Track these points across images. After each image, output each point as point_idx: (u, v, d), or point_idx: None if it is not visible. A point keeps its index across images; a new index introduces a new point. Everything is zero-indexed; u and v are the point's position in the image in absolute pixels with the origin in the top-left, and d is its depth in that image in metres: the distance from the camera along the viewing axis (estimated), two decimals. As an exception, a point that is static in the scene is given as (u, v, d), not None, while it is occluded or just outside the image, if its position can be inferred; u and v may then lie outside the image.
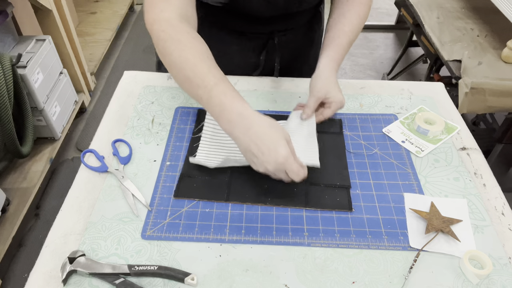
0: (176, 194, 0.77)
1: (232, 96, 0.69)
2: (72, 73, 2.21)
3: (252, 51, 1.04)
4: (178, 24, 0.76)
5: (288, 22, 1.01)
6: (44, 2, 1.86)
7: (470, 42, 1.76)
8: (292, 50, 1.08)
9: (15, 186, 1.77)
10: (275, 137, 0.67)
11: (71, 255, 0.65)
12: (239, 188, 0.78)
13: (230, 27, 1.00)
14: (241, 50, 1.04)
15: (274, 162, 0.67)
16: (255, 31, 1.00)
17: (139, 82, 1.04)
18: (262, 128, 0.68)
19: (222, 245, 0.70)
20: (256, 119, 0.69)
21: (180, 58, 0.72)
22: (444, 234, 0.72)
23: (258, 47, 1.03)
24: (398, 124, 0.94)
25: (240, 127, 0.68)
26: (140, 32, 3.15)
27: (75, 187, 0.79)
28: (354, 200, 0.77)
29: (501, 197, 0.79)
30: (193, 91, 0.73)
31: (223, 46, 1.03)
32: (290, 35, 1.04)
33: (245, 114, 0.69)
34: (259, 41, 1.02)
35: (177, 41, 0.74)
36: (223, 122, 0.70)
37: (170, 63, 0.74)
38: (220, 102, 0.69)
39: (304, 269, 0.67)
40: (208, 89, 0.70)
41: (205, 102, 0.71)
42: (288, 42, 1.05)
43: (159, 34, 0.75)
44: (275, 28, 1.00)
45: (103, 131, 0.91)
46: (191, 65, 0.71)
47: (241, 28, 1.00)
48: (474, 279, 0.65)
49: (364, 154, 0.86)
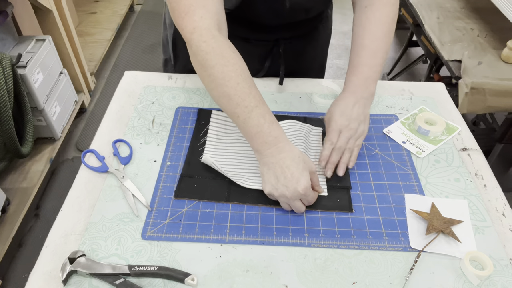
0: (177, 194, 0.77)
1: (271, 121, 0.72)
2: (72, 73, 2.20)
3: (257, 58, 1.02)
4: (219, 36, 0.74)
5: (294, 30, 0.99)
6: (44, 2, 1.86)
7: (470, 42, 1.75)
8: (297, 56, 1.06)
9: (15, 186, 1.76)
10: (301, 167, 0.71)
11: (71, 255, 0.65)
12: (240, 188, 0.78)
13: (235, 33, 0.98)
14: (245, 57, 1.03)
15: (294, 190, 0.70)
16: (260, 38, 0.99)
17: (139, 82, 1.04)
18: (292, 154, 0.71)
19: (222, 245, 0.70)
20: (288, 146, 0.72)
21: (223, 74, 0.72)
22: (444, 235, 0.71)
23: (263, 54, 1.02)
24: (398, 124, 0.93)
25: (273, 149, 0.71)
26: (140, 32, 3.15)
27: (75, 187, 0.79)
28: (354, 200, 0.77)
29: (502, 198, 0.79)
30: (230, 109, 0.73)
31: None
32: (295, 42, 1.02)
33: (280, 138, 0.72)
34: (264, 48, 1.01)
35: (220, 56, 0.73)
36: (257, 143, 0.72)
37: (210, 76, 0.73)
38: (258, 124, 0.71)
39: (305, 270, 0.67)
40: (249, 109, 0.71)
41: (242, 121, 0.72)
42: (294, 49, 1.03)
43: (200, 44, 0.73)
44: (280, 36, 0.99)
45: (104, 131, 0.91)
46: (233, 83, 0.72)
47: (246, 35, 0.98)
48: (474, 280, 0.65)
49: (364, 155, 0.86)
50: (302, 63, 1.09)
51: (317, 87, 1.04)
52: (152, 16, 3.36)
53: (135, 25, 3.25)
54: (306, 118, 0.94)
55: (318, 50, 1.12)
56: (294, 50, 1.03)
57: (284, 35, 0.99)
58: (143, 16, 3.36)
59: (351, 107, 0.83)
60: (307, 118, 0.94)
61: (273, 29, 0.96)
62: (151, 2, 3.54)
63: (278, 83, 1.02)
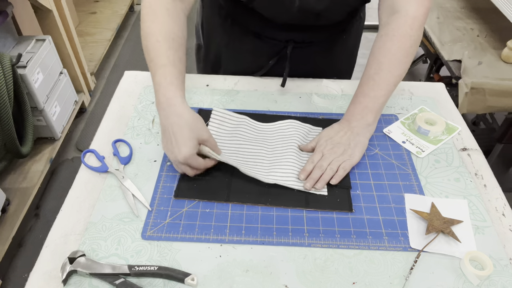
0: (176, 194, 0.77)
1: (171, 82, 0.75)
2: (72, 73, 2.20)
3: (266, 56, 1.03)
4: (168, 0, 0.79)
5: (306, 34, 0.98)
6: (44, 2, 1.86)
7: (470, 42, 1.75)
8: (307, 61, 1.05)
9: (15, 186, 1.76)
10: (187, 136, 0.72)
11: (71, 255, 0.65)
12: (240, 188, 0.78)
13: (248, 27, 1.00)
14: (254, 53, 1.03)
15: (175, 158, 0.74)
16: (271, 36, 0.99)
17: (139, 82, 1.04)
18: (180, 121, 0.73)
19: (222, 245, 0.70)
20: (179, 110, 0.73)
21: (149, 29, 0.78)
22: (444, 235, 0.71)
23: (271, 53, 1.02)
24: (398, 124, 0.93)
25: (163, 112, 0.75)
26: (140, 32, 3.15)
27: (75, 187, 0.79)
28: (354, 200, 0.77)
29: (501, 198, 0.79)
30: (147, 62, 0.78)
31: (238, 43, 1.04)
32: (307, 50, 1.01)
33: (172, 102, 0.74)
34: (274, 48, 1.01)
35: (152, 13, 0.79)
36: (156, 101, 0.77)
37: (141, 30, 0.80)
38: (159, 82, 0.75)
39: (305, 270, 0.67)
40: (157, 67, 0.76)
41: (152, 77, 0.77)
42: (304, 55, 1.01)
43: (144, 3, 0.80)
44: (291, 38, 0.98)
45: (104, 131, 0.91)
46: (154, 40, 0.77)
47: (258, 31, 0.99)
48: (474, 280, 0.65)
49: (364, 155, 0.86)
50: (312, 69, 1.07)
51: (317, 87, 1.04)
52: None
53: (135, 25, 3.25)
54: (306, 118, 0.94)
55: (334, 61, 1.09)
56: (304, 56, 1.01)
57: (295, 37, 0.98)
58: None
59: (341, 134, 0.83)
60: (307, 118, 0.94)
61: (284, 29, 0.96)
62: (151, 2, 3.54)
63: (280, 85, 1.02)
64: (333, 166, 0.79)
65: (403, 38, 0.82)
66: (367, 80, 0.84)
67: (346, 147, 0.82)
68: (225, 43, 1.06)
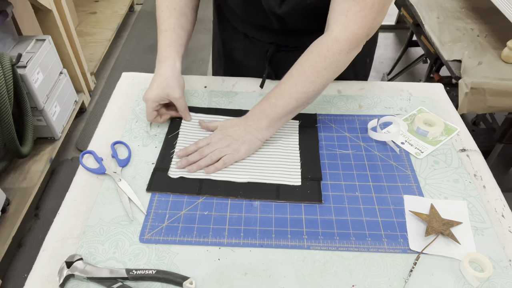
0: (149, 188, 0.78)
1: (168, 44, 0.89)
2: (72, 73, 2.20)
3: (255, 57, 1.03)
4: None
5: (289, 38, 0.97)
6: (44, 2, 1.86)
7: (470, 42, 1.75)
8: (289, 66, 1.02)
9: (15, 186, 1.76)
10: (155, 85, 0.86)
11: (68, 259, 0.65)
12: (211, 182, 0.79)
13: (236, 25, 1.02)
14: (244, 51, 1.05)
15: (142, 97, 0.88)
16: (256, 36, 1.00)
17: (137, 84, 1.04)
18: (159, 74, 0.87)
19: (221, 248, 0.70)
20: (163, 67, 0.88)
21: (158, 2, 0.92)
22: (444, 237, 0.71)
23: (259, 53, 1.02)
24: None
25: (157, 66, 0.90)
26: (140, 32, 3.15)
27: (73, 189, 0.79)
28: (353, 202, 0.77)
29: (501, 199, 0.78)
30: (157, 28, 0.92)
31: (232, 42, 1.06)
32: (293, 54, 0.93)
33: (163, 60, 0.88)
34: (261, 48, 1.01)
35: None
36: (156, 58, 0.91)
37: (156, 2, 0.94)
38: (161, 44, 0.90)
39: (304, 272, 0.66)
40: (161, 31, 0.91)
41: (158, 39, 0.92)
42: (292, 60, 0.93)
43: None
44: (273, 40, 0.98)
45: (102, 133, 0.90)
46: (159, 10, 0.92)
47: (245, 30, 1.01)
48: (474, 282, 0.65)
49: (363, 156, 0.86)
50: None
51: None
52: (152, 16, 3.35)
53: (135, 25, 3.25)
54: None
55: None
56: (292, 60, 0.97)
57: (278, 40, 0.98)
58: (143, 16, 3.36)
59: (236, 128, 0.85)
60: None
61: (265, 31, 0.97)
62: (151, 2, 3.53)
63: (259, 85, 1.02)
64: (214, 156, 0.82)
65: (317, 57, 0.80)
66: (277, 86, 0.84)
67: (234, 141, 0.83)
68: (222, 41, 1.10)
